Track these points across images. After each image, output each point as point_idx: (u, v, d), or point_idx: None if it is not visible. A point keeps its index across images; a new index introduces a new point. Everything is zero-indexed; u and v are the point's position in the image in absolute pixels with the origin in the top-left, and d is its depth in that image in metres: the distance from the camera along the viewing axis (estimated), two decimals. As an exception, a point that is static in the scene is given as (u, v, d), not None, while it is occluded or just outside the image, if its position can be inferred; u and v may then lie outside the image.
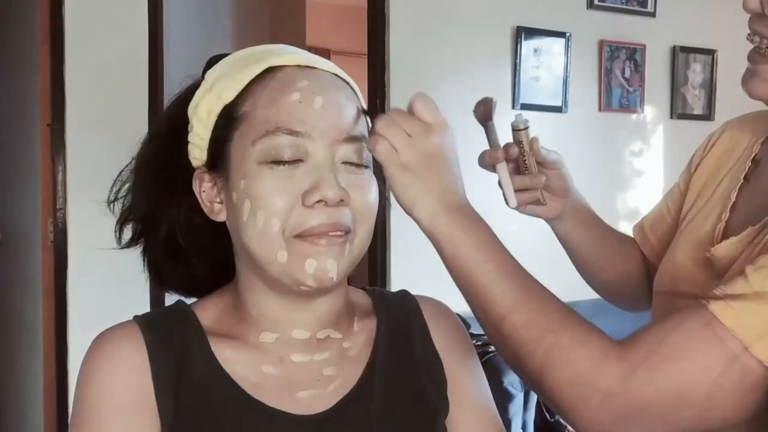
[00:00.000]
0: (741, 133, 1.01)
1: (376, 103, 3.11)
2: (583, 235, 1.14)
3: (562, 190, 1.09)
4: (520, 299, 0.75)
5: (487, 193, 1.14)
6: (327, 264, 0.71)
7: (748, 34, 0.83)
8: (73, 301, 2.70)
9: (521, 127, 1.02)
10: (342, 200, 0.72)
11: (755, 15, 0.81)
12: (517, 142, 1.02)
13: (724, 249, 0.88)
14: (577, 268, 1.20)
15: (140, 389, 0.72)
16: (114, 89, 2.73)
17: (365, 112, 0.79)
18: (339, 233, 0.72)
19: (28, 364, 3.01)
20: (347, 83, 0.79)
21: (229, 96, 0.75)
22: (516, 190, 1.01)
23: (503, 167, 0.99)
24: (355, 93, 0.80)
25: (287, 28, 4.69)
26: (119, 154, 0.86)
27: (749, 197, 0.93)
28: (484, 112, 0.94)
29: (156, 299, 2.56)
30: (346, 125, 0.74)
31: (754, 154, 0.96)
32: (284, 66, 0.75)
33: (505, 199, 1.00)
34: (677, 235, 1.03)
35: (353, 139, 0.74)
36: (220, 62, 0.79)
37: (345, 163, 0.74)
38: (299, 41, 4.80)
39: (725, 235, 0.90)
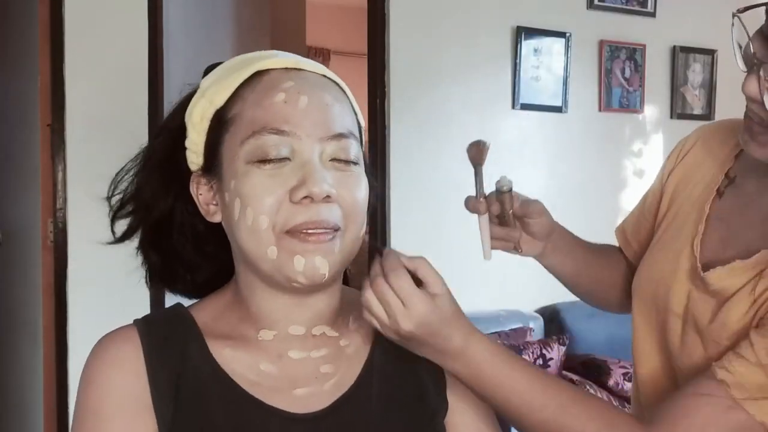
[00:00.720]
0: (713, 142, 1.02)
1: (376, 103, 3.07)
2: (568, 264, 1.18)
3: (543, 234, 1.12)
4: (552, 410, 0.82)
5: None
6: (316, 261, 0.72)
7: (745, 113, 0.84)
8: (73, 301, 2.69)
9: (505, 189, 1.05)
10: (329, 196, 0.73)
11: (751, 99, 0.82)
12: (500, 202, 1.05)
13: (720, 278, 0.90)
14: (564, 285, 1.23)
15: (138, 392, 0.73)
16: (114, 89, 2.73)
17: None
18: (325, 230, 0.73)
19: (28, 364, 3.01)
20: (336, 84, 0.81)
21: (220, 100, 0.77)
22: (492, 238, 1.04)
23: (485, 220, 1.01)
24: (345, 93, 0.81)
25: (287, 28, 4.69)
26: (119, 154, 0.87)
27: (727, 214, 0.94)
28: (477, 155, 0.97)
29: (156, 299, 2.56)
30: (333, 123, 0.76)
31: (727, 168, 0.96)
32: (271, 69, 0.78)
33: (482, 250, 1.03)
34: (654, 242, 1.05)
35: (340, 136, 0.76)
36: (214, 70, 0.81)
37: (333, 160, 0.75)
38: (299, 41, 4.81)
39: (703, 250, 0.93)
